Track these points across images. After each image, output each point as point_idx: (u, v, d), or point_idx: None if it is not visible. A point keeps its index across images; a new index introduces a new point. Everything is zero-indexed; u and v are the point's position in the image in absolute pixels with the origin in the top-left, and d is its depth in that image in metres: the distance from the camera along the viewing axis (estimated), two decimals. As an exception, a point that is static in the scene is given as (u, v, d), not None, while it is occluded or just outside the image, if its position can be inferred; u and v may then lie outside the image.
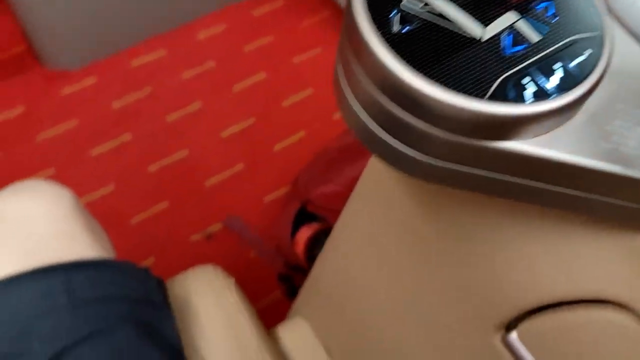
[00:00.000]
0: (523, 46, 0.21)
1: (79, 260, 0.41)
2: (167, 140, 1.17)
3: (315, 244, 0.94)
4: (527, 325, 0.31)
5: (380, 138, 0.25)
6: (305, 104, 1.25)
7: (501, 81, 0.20)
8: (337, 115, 1.25)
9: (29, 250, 0.41)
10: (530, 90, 0.20)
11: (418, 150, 0.24)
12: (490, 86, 0.20)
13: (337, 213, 0.91)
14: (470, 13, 0.22)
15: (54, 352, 0.36)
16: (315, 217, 0.96)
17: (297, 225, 0.97)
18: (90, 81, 1.21)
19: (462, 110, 0.20)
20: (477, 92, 0.20)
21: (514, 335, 0.32)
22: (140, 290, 0.44)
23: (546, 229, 0.28)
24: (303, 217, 0.97)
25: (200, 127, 1.19)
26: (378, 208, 0.40)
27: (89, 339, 0.38)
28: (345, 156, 1.02)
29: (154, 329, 0.43)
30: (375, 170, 0.39)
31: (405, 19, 0.22)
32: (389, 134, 0.24)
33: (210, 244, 1.09)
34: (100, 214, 0.58)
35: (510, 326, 0.33)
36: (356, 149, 1.02)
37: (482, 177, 0.24)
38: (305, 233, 0.92)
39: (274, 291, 1.07)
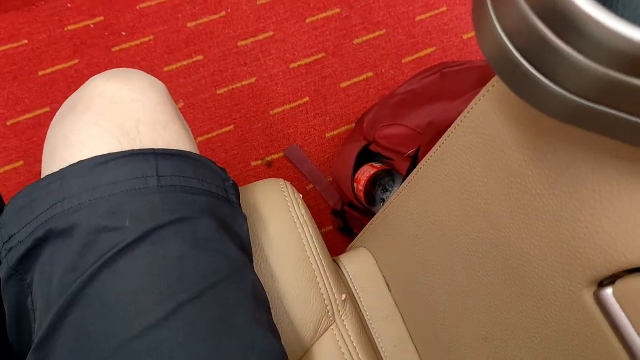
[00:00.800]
0: None
1: (168, 150, 0.43)
2: (237, 66, 1.18)
3: (376, 184, 0.95)
4: (625, 283, 0.30)
5: (522, 69, 0.24)
6: (376, 45, 1.24)
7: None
8: (407, 60, 1.23)
9: (125, 133, 0.42)
10: None
11: (561, 86, 0.24)
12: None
13: (401, 155, 0.91)
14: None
15: (144, 231, 0.38)
16: (378, 157, 0.97)
17: (358, 163, 0.98)
18: (167, -2, 1.22)
19: (631, 43, 0.19)
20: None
21: (608, 292, 0.31)
22: (220, 187, 0.46)
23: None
24: (365, 156, 0.98)
25: (270, 56, 1.20)
26: (478, 149, 0.39)
27: (175, 223, 0.40)
28: (414, 101, 1.01)
29: (230, 226, 0.45)
30: (482, 110, 0.38)
31: None
32: (533, 65, 0.24)
33: (269, 171, 1.11)
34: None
35: (604, 283, 0.32)
36: (426, 94, 1.01)
37: (621, 120, 0.24)
38: (367, 172, 0.93)
39: (327, 226, 1.09)
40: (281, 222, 0.56)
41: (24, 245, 0.39)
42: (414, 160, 0.80)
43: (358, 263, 0.65)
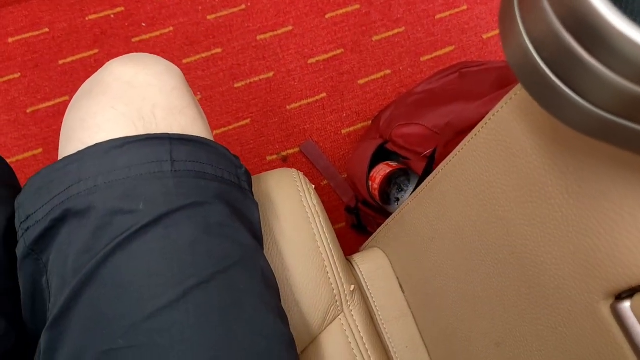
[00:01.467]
0: None
1: (183, 135, 0.43)
2: (255, 60, 1.18)
3: (391, 183, 0.95)
4: None
5: (547, 80, 0.24)
6: (394, 42, 1.23)
7: None
8: (425, 58, 1.22)
9: (141, 117, 0.43)
10: None
11: (585, 98, 0.23)
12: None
13: (417, 154, 0.91)
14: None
15: (158, 214, 0.38)
16: (394, 156, 0.96)
17: (373, 162, 0.98)
18: (188, -10, 1.22)
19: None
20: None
21: (626, 305, 0.31)
22: (232, 174, 0.46)
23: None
24: (381, 154, 0.98)
25: (289, 51, 1.20)
26: (498, 156, 0.39)
27: (188, 208, 0.40)
28: (432, 100, 1.00)
29: (242, 212, 0.46)
30: (503, 117, 0.38)
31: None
32: (558, 76, 0.24)
33: (284, 166, 1.11)
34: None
35: (622, 296, 0.32)
36: (444, 94, 1.01)
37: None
38: (383, 170, 0.93)
39: (340, 222, 1.10)
40: (293, 211, 0.57)
41: (40, 225, 0.39)
42: (431, 161, 0.80)
43: (371, 262, 0.66)
